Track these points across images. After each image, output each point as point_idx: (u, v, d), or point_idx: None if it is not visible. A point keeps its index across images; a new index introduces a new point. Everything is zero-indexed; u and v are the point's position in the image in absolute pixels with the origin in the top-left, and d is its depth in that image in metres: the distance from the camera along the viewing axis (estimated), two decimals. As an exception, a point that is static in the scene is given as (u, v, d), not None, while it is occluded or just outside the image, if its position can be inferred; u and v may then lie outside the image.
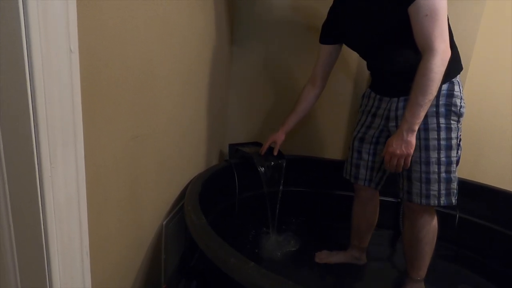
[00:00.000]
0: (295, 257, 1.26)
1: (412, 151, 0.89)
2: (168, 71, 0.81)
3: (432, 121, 0.93)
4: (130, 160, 0.67)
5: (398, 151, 0.89)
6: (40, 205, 0.41)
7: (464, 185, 1.34)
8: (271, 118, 1.61)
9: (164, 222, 0.91)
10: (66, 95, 0.41)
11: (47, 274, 0.43)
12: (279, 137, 1.25)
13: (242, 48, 1.54)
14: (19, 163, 0.39)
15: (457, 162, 0.96)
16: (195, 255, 1.09)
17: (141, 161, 0.72)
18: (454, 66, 0.94)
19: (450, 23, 0.91)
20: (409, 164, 0.91)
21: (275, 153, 1.28)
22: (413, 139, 0.88)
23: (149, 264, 0.85)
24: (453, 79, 0.94)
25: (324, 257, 1.24)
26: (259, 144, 1.47)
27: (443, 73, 0.83)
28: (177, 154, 0.96)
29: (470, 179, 1.41)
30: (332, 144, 1.62)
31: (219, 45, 1.28)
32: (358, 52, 1.11)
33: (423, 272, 1.05)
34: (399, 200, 1.48)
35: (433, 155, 0.93)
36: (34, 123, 0.38)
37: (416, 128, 0.87)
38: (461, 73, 0.98)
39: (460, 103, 0.94)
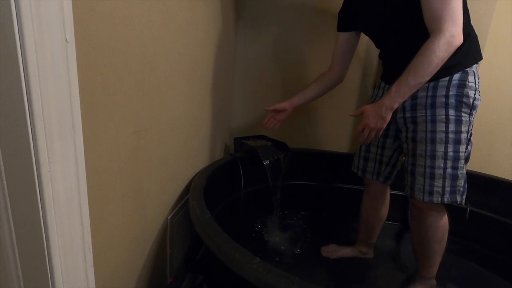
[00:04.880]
0: (302, 251, 1.25)
1: (384, 126, 0.89)
2: (171, 63, 0.79)
3: (441, 113, 0.88)
4: (133, 154, 0.66)
5: (372, 124, 0.89)
6: (39, 201, 0.39)
7: (475, 178, 1.31)
8: (277, 111, 1.58)
9: (169, 217, 0.90)
10: (62, 86, 0.39)
11: (48, 271, 0.42)
12: (281, 105, 1.18)
13: (247, 40, 1.51)
14: (16, 159, 0.38)
15: (466, 159, 0.91)
16: (201, 249, 1.09)
17: (144, 155, 0.71)
18: (471, 55, 0.89)
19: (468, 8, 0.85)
20: (379, 136, 0.92)
21: (275, 126, 1.24)
22: (389, 116, 0.87)
23: (154, 259, 0.85)
24: (467, 69, 0.88)
25: (331, 251, 1.22)
26: (264, 138, 1.45)
27: (444, 59, 0.78)
28: (182, 148, 0.95)
29: (482, 172, 1.38)
30: (338, 136, 1.59)
31: (224, 38, 1.25)
32: (373, 40, 1.07)
33: (434, 270, 1.02)
34: (408, 194, 1.45)
35: (440, 148, 0.89)
36: (30, 117, 0.36)
37: (396, 106, 0.86)
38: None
39: (474, 94, 0.88)
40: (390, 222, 1.43)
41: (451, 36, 0.76)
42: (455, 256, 1.26)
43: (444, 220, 0.97)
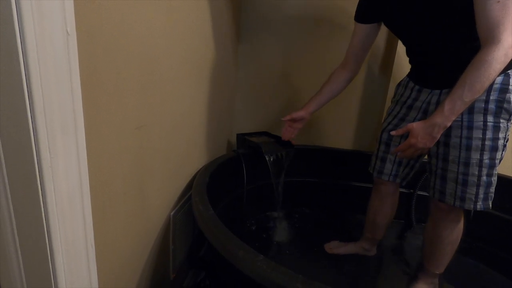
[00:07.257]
0: (304, 248, 1.24)
1: (432, 145, 0.81)
2: (175, 59, 0.78)
3: (478, 119, 0.82)
4: (136, 150, 0.65)
5: (420, 145, 0.80)
6: (41, 198, 0.39)
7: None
8: (280, 108, 1.57)
9: (172, 213, 0.89)
10: (64, 80, 0.38)
11: (51, 269, 0.42)
12: (298, 114, 1.11)
13: (250, 39, 1.49)
14: (17, 154, 0.37)
15: (499, 163, 0.87)
16: (204, 245, 1.09)
17: (147, 151, 0.70)
18: None
19: None
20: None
21: (293, 135, 1.20)
22: (439, 135, 0.79)
23: (157, 255, 0.85)
24: (509, 71, 0.80)
25: (333, 247, 1.22)
26: (267, 134, 1.44)
27: (500, 70, 0.70)
28: (185, 144, 0.94)
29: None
30: (342, 133, 1.57)
31: (227, 35, 1.24)
32: (400, 37, 0.98)
33: (439, 269, 1.01)
34: (411, 191, 1.44)
35: (475, 156, 0.83)
36: (31, 111, 0.35)
37: (449, 125, 0.77)
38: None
39: None
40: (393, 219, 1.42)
41: (509, 46, 0.68)
42: (459, 255, 1.25)
43: (462, 222, 0.95)
